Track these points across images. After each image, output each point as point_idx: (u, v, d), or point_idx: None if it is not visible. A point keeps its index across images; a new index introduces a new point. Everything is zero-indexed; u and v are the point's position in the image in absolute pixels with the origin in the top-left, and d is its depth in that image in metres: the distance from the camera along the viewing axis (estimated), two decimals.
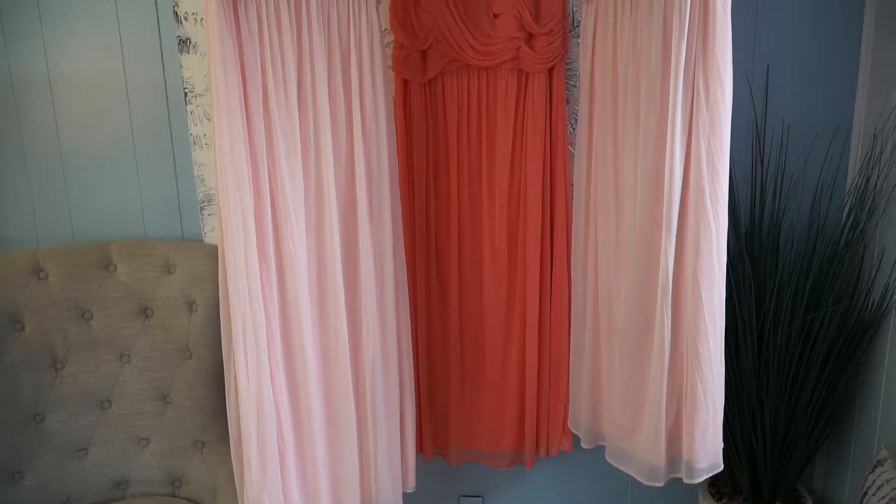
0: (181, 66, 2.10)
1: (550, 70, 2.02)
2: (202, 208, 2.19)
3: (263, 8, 1.60)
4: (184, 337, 2.06)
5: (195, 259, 2.08)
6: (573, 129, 2.11)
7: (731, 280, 1.99)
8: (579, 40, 1.95)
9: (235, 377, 1.67)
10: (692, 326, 1.72)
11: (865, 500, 1.87)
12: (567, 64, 2.08)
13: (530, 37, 1.98)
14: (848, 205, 2.16)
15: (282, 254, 1.69)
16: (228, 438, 1.79)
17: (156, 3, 2.10)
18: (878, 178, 2.09)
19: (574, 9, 2.06)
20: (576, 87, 2.09)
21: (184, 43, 2.08)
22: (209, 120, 2.10)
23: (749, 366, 2.09)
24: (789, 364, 2.05)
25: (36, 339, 1.99)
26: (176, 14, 2.06)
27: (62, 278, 2.03)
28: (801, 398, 2.08)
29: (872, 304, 2.10)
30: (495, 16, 1.99)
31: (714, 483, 2.31)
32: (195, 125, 2.13)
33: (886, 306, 2.05)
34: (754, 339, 2.08)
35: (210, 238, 2.20)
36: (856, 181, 2.15)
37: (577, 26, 2.03)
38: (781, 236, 2.15)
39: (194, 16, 2.05)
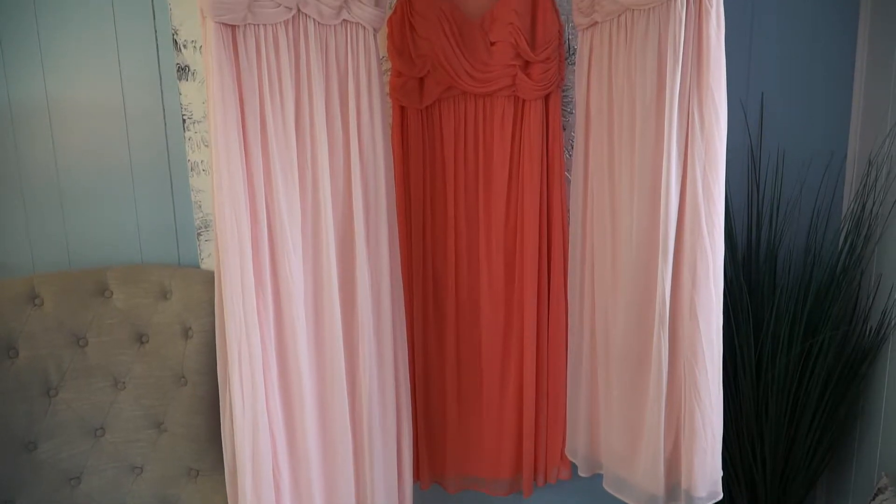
0: (180, 94, 2.11)
1: (547, 97, 2.04)
2: (199, 234, 2.18)
3: (262, 36, 1.61)
4: (179, 364, 2.05)
5: (191, 285, 2.08)
6: (570, 155, 2.12)
7: (728, 306, 1.99)
8: (575, 68, 1.97)
9: (231, 404, 1.66)
10: (690, 353, 1.71)
11: None
12: (563, 91, 2.10)
13: (527, 64, 2.00)
14: (844, 230, 2.16)
15: (278, 280, 1.69)
16: (223, 467, 1.77)
17: (155, 31, 2.12)
18: (873, 203, 2.10)
19: (570, 37, 2.08)
20: (572, 113, 2.11)
21: (183, 70, 2.10)
22: (207, 146, 2.11)
23: (748, 392, 2.08)
24: (788, 391, 2.04)
25: (30, 366, 1.98)
26: (175, 42, 2.08)
27: (57, 304, 2.02)
28: (801, 425, 2.06)
29: (870, 331, 2.09)
30: (492, 44, 2.01)
31: None
32: (193, 151, 2.14)
33: (884, 332, 2.05)
34: (752, 365, 2.07)
35: (207, 264, 2.19)
36: (851, 207, 2.16)
37: (573, 54, 2.05)
38: (778, 262, 2.15)
39: (193, 43, 2.07)
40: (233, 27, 1.58)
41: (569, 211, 2.08)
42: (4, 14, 2.09)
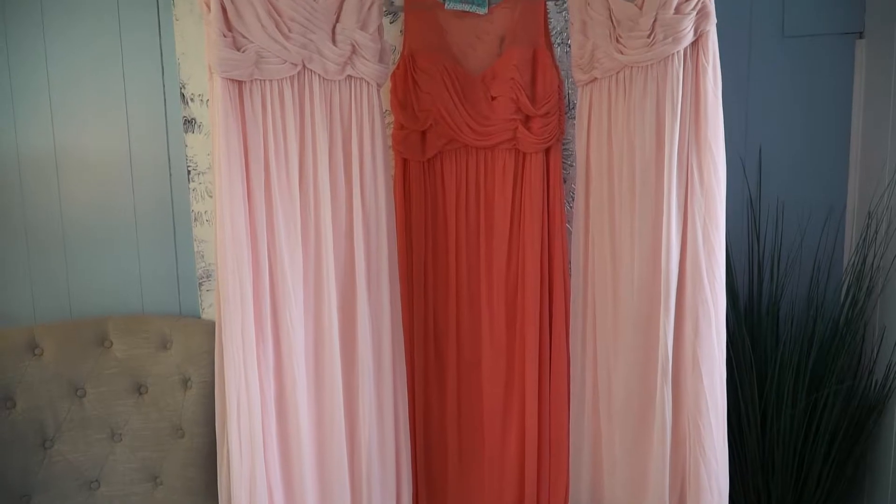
0: (185, 145, 2.15)
1: (547, 150, 2.06)
2: (201, 284, 2.19)
3: (268, 91, 1.65)
4: (177, 415, 2.03)
5: (192, 335, 2.07)
6: (570, 207, 2.14)
7: (731, 359, 1.98)
8: (575, 122, 2.00)
9: (228, 457, 1.64)
10: (693, 407, 1.70)
11: None
12: (564, 144, 2.13)
13: (527, 118, 2.03)
14: (846, 283, 2.16)
15: (279, 332, 1.69)
16: None
17: (164, 85, 2.16)
18: (874, 256, 2.10)
19: (570, 91, 2.12)
20: (572, 166, 2.13)
21: (189, 123, 2.13)
22: (211, 197, 2.13)
23: (753, 447, 2.05)
24: (794, 446, 2.01)
25: (26, 417, 1.96)
26: (183, 95, 2.12)
27: (57, 354, 2.01)
28: (808, 481, 2.03)
29: (876, 385, 2.07)
30: (493, 98, 2.04)
31: None
32: (197, 202, 2.16)
33: (890, 386, 2.03)
34: (757, 419, 2.04)
35: (208, 314, 2.19)
36: (852, 260, 2.16)
37: (573, 108, 2.09)
38: (781, 314, 2.14)
39: (200, 97, 2.11)
40: (239, 83, 1.62)
41: (570, 263, 2.09)
42: (17, 66, 2.14)
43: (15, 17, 2.12)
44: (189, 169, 2.15)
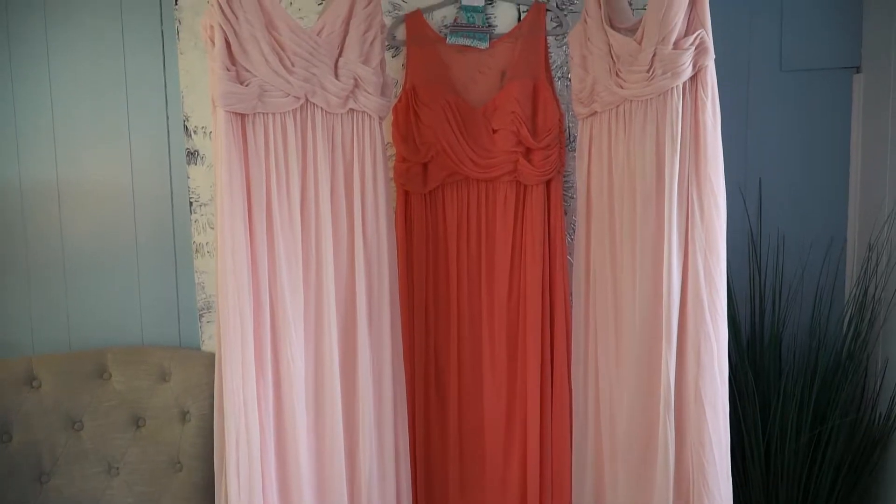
0: (188, 177, 2.16)
1: (548, 182, 2.07)
2: (201, 315, 2.18)
3: (271, 124, 1.66)
4: (175, 448, 2.01)
5: (191, 367, 2.06)
6: (571, 239, 2.14)
7: (734, 392, 1.97)
8: (576, 155, 2.01)
9: (226, 492, 1.62)
10: (696, 441, 1.68)
11: None
12: (564, 176, 2.14)
13: (528, 151, 2.04)
14: (848, 315, 2.16)
15: (279, 365, 1.67)
16: None
17: (167, 117, 2.18)
18: (875, 288, 2.10)
19: (570, 124, 2.14)
20: (573, 198, 2.14)
21: (192, 155, 2.15)
22: (213, 229, 2.14)
23: (757, 480, 2.03)
24: (798, 480, 1.99)
25: (23, 451, 1.94)
26: (186, 128, 2.14)
27: (55, 386, 2.00)
28: None
29: (880, 417, 2.06)
30: (494, 131, 2.06)
31: None
32: (199, 233, 2.16)
33: (894, 420, 2.01)
34: (761, 452, 2.02)
35: (208, 346, 2.18)
36: (854, 292, 2.16)
37: (574, 141, 2.10)
38: (783, 346, 2.14)
39: (203, 129, 2.12)
40: (242, 116, 1.63)
41: (571, 294, 2.09)
42: (21, 97, 2.16)
43: (20, 48, 2.14)
44: (191, 200, 2.16)
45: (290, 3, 2.10)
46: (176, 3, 2.09)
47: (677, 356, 1.68)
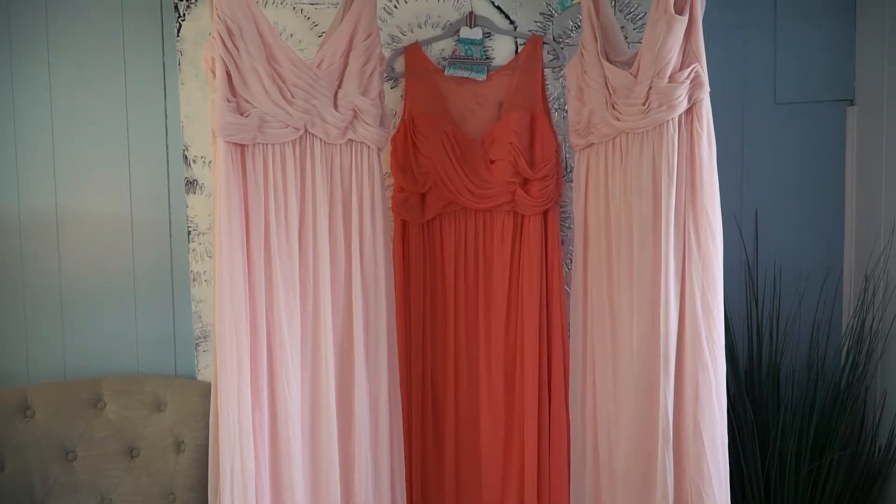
0: (187, 206, 2.16)
1: (545, 212, 2.08)
2: (198, 344, 2.17)
3: (270, 155, 1.67)
4: (169, 479, 1.99)
5: (187, 396, 2.05)
6: (569, 269, 2.14)
7: (732, 424, 1.95)
8: (573, 185, 2.02)
9: None
10: (695, 473, 1.66)
11: None
12: (561, 207, 2.15)
13: (525, 181, 2.06)
14: (846, 346, 2.15)
15: (275, 395, 1.66)
16: None
17: (167, 146, 2.20)
18: (873, 319, 2.10)
19: (567, 155, 2.15)
20: (570, 228, 2.15)
21: (191, 184, 2.16)
22: (211, 257, 2.14)
23: None
24: None
25: (15, 481, 1.92)
26: (185, 157, 2.15)
27: (49, 416, 1.98)
28: None
29: (879, 450, 2.05)
30: (492, 162, 2.07)
31: None
32: (196, 262, 2.16)
33: (894, 452, 2.00)
34: (761, 486, 2.01)
35: (203, 375, 2.17)
36: (851, 323, 2.16)
37: (571, 171, 2.12)
38: (781, 377, 2.13)
39: (203, 159, 2.14)
40: (242, 146, 1.64)
41: (569, 325, 2.08)
42: (22, 126, 2.17)
43: (22, 77, 2.17)
44: (189, 229, 2.17)
45: (291, 36, 2.13)
46: (178, 35, 2.12)
47: (675, 388, 1.67)
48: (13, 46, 2.15)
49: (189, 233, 2.17)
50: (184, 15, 2.12)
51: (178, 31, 2.12)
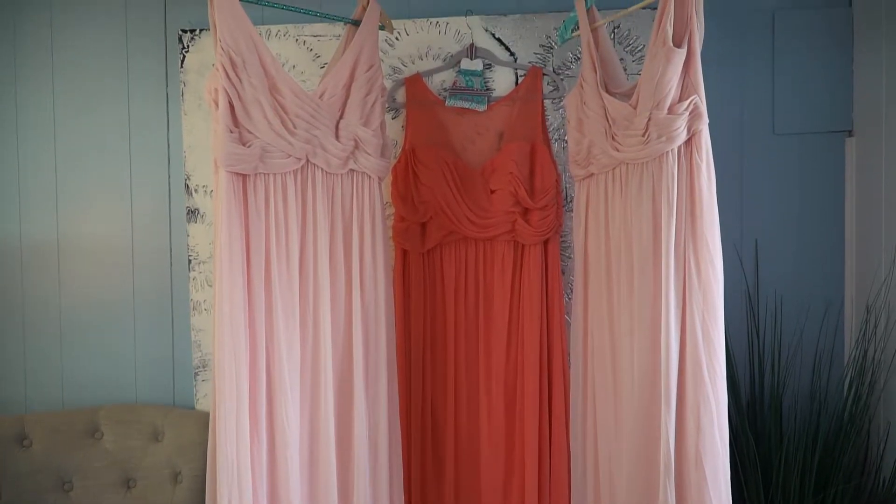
0: (188, 235, 2.17)
1: (546, 242, 2.09)
2: (196, 374, 2.17)
3: (271, 184, 1.68)
4: None
5: (185, 426, 2.03)
6: (569, 298, 2.14)
7: (735, 455, 1.93)
8: (573, 215, 2.03)
9: None
10: None
11: None
12: (562, 236, 2.15)
13: (525, 211, 2.06)
14: (848, 377, 2.14)
15: (274, 425, 1.65)
16: None
17: (169, 176, 2.21)
18: (875, 350, 2.09)
19: (567, 185, 2.16)
20: (570, 258, 2.15)
21: (192, 213, 2.17)
22: (211, 286, 2.14)
23: None
24: None
25: None
26: (187, 186, 2.16)
27: (46, 446, 1.97)
28: None
29: (884, 483, 2.02)
30: (492, 191, 2.08)
31: None
32: (196, 291, 2.17)
33: None
34: None
35: (202, 404, 2.16)
36: (853, 354, 2.15)
37: (571, 201, 2.12)
38: (784, 409, 2.11)
39: (204, 188, 2.15)
40: (244, 176, 1.65)
41: (569, 354, 2.07)
42: (25, 155, 2.19)
43: (26, 105, 2.19)
44: (190, 258, 2.17)
45: (293, 67, 2.15)
46: (181, 66, 2.14)
47: (677, 419, 1.66)
48: (18, 73, 2.18)
49: (190, 261, 2.17)
50: (188, 46, 2.15)
51: (182, 62, 2.15)
